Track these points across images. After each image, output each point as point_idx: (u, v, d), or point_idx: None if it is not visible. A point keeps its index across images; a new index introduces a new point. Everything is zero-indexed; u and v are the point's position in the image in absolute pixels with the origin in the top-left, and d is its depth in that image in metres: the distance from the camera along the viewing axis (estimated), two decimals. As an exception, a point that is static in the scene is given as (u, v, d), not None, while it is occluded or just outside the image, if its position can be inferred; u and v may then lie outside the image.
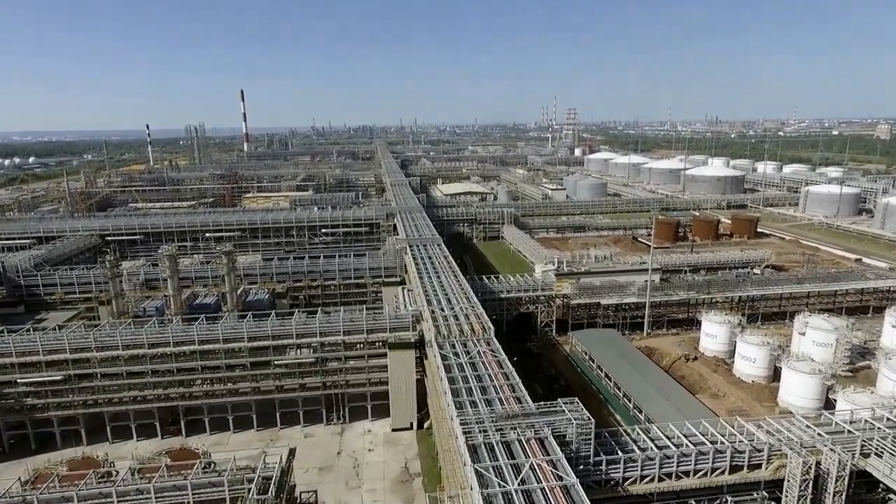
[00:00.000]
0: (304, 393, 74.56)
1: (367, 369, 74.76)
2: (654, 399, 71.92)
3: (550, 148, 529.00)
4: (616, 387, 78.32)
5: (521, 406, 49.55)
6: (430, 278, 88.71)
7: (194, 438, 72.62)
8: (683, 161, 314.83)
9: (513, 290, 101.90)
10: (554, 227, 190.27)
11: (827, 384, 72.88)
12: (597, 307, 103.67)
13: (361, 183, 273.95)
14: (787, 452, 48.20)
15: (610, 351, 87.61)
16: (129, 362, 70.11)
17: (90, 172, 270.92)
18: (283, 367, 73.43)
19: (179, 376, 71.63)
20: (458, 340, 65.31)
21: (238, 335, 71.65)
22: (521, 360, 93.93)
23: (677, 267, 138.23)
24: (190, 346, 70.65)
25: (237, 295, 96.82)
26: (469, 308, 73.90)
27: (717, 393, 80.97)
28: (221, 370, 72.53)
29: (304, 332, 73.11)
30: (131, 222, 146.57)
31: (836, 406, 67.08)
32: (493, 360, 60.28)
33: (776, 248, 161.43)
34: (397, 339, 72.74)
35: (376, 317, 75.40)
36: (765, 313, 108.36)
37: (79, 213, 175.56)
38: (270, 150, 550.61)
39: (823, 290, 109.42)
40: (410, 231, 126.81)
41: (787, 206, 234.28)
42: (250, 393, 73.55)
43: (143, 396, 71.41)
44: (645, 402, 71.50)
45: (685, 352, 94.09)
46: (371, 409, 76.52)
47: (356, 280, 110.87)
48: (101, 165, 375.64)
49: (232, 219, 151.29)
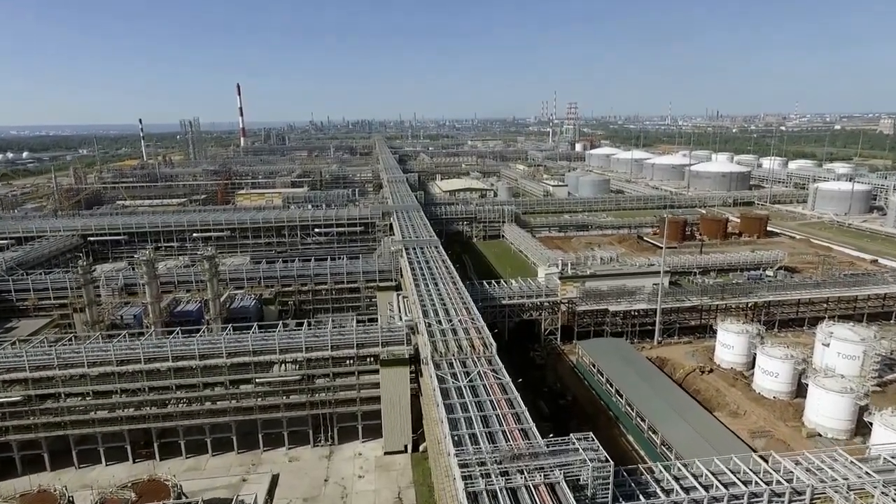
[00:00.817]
0: (288, 413, 68.47)
1: (357, 387, 68.67)
2: (670, 419, 65.85)
3: (551, 143, 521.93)
4: (628, 404, 72.23)
5: (529, 443, 43.43)
6: (427, 285, 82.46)
7: (169, 463, 66.71)
8: (688, 157, 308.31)
9: (515, 297, 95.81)
10: (556, 225, 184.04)
11: (860, 404, 66.76)
12: (604, 314, 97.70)
13: (358, 179, 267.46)
14: (833, 496, 42.27)
15: (619, 363, 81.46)
16: (97, 381, 63.98)
17: (79, 168, 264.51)
18: (266, 384, 67.37)
19: (152, 395, 65.54)
20: (457, 359, 59.21)
21: (216, 350, 65.49)
22: (525, 371, 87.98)
23: (687, 269, 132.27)
24: (163, 363, 64.52)
25: (221, 302, 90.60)
26: (469, 321, 67.68)
27: (736, 410, 74.92)
28: (198, 388, 66.41)
29: (289, 347, 66.92)
30: (115, 222, 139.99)
31: (872, 430, 61.06)
32: (495, 382, 54.15)
33: (787, 247, 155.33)
34: (390, 354, 66.58)
35: (367, 330, 69.18)
36: (781, 320, 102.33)
37: (62, 212, 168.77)
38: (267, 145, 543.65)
39: (843, 295, 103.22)
40: (407, 232, 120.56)
41: (795, 203, 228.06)
42: (230, 413, 67.45)
43: (112, 418, 65.27)
44: (661, 423, 65.43)
45: (699, 363, 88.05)
46: (362, 429, 70.47)
47: (349, 285, 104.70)
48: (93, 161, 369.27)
49: (220, 218, 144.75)
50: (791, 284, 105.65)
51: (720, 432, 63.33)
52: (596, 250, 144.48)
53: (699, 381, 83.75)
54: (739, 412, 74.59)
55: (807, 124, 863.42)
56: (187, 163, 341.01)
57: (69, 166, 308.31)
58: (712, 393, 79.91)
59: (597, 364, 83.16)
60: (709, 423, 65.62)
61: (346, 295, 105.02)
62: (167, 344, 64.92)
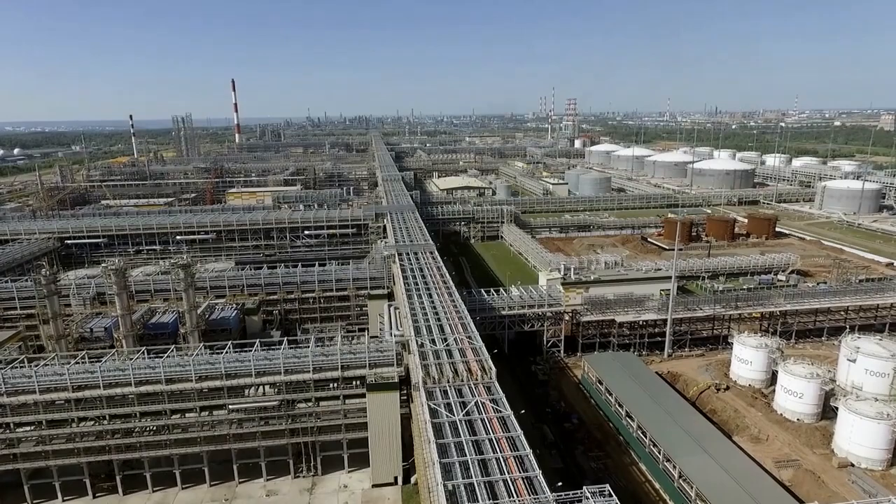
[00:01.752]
0: (266, 441, 61.96)
1: (342, 412, 62.18)
2: (688, 449, 59.44)
3: (550, 139, 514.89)
4: (640, 430, 65.82)
5: (536, 498, 36.98)
6: (421, 296, 75.81)
7: (133, 497, 60.54)
8: (691, 154, 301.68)
9: (515, 307, 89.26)
10: (557, 226, 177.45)
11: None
12: (610, 324, 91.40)
13: (354, 177, 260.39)
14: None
15: (628, 381, 74.92)
16: (50, 409, 57.39)
17: (66, 166, 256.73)
18: (242, 411, 60.80)
19: (113, 424, 58.94)
20: (452, 385, 52.77)
21: (185, 374, 58.89)
22: (526, 389, 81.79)
23: (695, 273, 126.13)
24: (125, 388, 57.92)
25: (199, 314, 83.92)
26: (465, 339, 61.14)
27: (757, 435, 68.60)
28: (165, 416, 59.90)
29: (266, 369, 60.31)
30: (93, 224, 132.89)
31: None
32: (495, 416, 47.68)
33: (798, 249, 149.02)
34: (378, 377, 60.05)
35: (353, 349, 62.49)
36: (799, 329, 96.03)
37: (41, 213, 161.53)
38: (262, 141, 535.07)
39: (865, 303, 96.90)
40: (401, 235, 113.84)
41: (801, 202, 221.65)
42: (201, 442, 60.93)
43: (68, 449, 58.73)
44: (677, 452, 59.03)
45: (714, 380, 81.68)
46: (348, 458, 64.02)
47: (338, 292, 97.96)
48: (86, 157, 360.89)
49: (206, 219, 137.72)
50: (810, 292, 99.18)
51: (745, 466, 56.93)
52: (599, 253, 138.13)
53: (715, 399, 77.45)
54: (761, 437, 68.27)
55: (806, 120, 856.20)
56: (179, 160, 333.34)
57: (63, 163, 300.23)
58: (730, 414, 73.61)
59: (604, 382, 76.72)
60: (731, 453, 59.20)
61: (335, 304, 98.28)
62: (129, 368, 58.19)
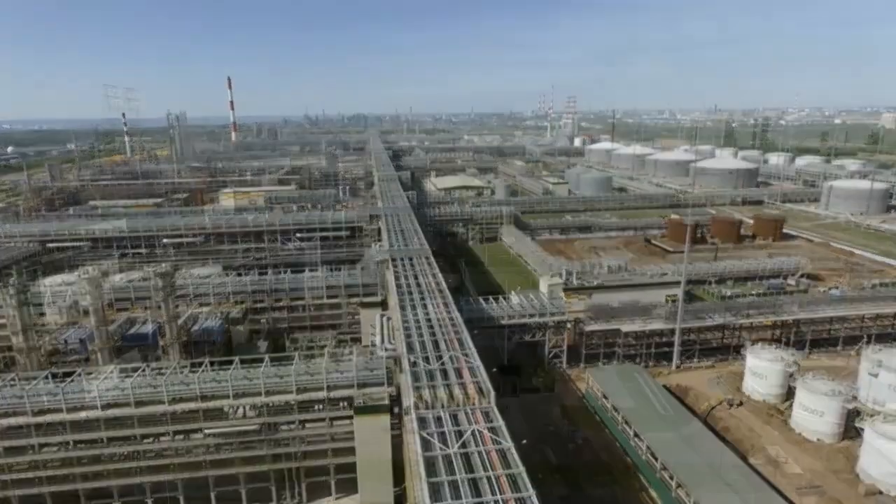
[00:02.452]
0: (247, 467, 57.19)
1: (329, 436, 57.44)
2: (704, 478, 54.71)
3: (549, 137, 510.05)
4: (650, 453, 61.12)
5: (540, 555, 32.26)
6: (415, 308, 70.89)
7: (101, 530, 55.51)
8: (693, 153, 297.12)
9: (516, 316, 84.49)
10: (557, 227, 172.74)
11: (931, 458, 55.92)
12: (615, 334, 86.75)
13: (350, 176, 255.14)
14: None
15: (636, 398, 70.20)
16: (6, 435, 52.54)
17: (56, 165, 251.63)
18: (219, 435, 56.02)
19: (77, 451, 54.12)
20: (447, 410, 47.92)
21: (156, 396, 54.06)
22: (526, 402, 77.03)
23: (701, 277, 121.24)
24: (91, 412, 53.09)
25: (180, 325, 79.18)
26: (462, 358, 56.25)
27: (776, 458, 63.93)
28: (135, 441, 55.08)
29: (245, 391, 55.48)
30: (77, 227, 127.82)
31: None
32: (494, 449, 42.84)
33: (806, 252, 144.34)
34: (367, 398, 55.26)
35: (340, 368, 57.67)
36: (813, 339, 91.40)
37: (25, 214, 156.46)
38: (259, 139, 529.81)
39: (884, 311, 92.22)
40: (395, 239, 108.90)
41: (806, 202, 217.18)
42: (175, 469, 56.09)
43: (27, 478, 53.90)
44: (693, 483, 54.29)
45: (726, 394, 77.14)
46: (335, 483, 59.32)
47: (329, 300, 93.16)
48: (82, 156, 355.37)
49: (194, 221, 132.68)
50: (825, 300, 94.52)
51: (767, 498, 52.19)
52: (602, 256, 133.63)
53: (727, 416, 72.86)
54: (780, 459, 63.63)
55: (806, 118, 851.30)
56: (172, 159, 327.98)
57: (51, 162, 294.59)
58: (744, 433, 69.00)
59: (609, 398, 72.04)
60: (752, 484, 54.32)
61: (325, 312, 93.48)
62: (95, 388, 53.36)
